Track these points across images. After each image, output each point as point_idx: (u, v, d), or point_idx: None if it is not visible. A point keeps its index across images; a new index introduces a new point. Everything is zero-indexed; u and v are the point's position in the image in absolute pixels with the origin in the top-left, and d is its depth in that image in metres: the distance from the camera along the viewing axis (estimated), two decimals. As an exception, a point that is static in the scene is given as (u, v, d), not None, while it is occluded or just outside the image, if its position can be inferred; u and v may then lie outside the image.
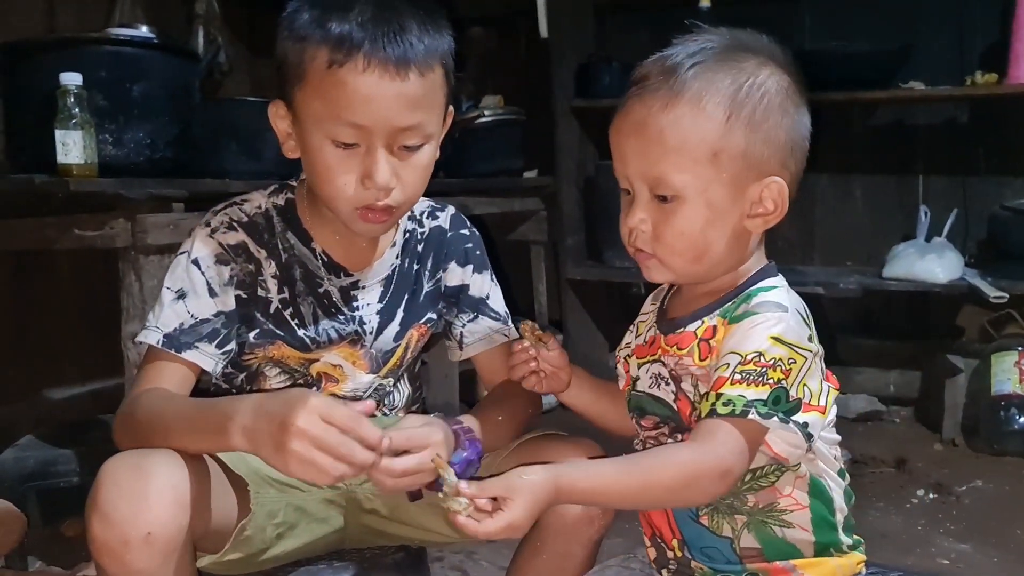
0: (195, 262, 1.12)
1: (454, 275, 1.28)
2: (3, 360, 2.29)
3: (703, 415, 0.91)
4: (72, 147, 1.74)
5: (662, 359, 1.01)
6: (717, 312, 0.98)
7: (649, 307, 1.12)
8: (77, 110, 1.75)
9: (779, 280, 1.00)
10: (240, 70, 2.82)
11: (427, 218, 1.28)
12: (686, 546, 1.02)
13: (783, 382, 0.90)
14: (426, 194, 1.24)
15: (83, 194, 1.73)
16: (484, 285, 1.29)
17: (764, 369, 0.90)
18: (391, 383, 1.28)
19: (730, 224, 0.97)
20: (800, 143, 0.98)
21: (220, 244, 1.13)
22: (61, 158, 1.74)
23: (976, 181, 2.87)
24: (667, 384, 1.00)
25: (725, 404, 0.90)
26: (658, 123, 0.93)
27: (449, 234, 1.28)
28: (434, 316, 1.28)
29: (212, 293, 1.11)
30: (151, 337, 1.09)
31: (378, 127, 1.04)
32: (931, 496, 2.25)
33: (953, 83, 2.68)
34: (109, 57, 1.90)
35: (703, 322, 0.98)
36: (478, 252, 1.30)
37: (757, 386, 0.90)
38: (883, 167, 2.96)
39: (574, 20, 3.11)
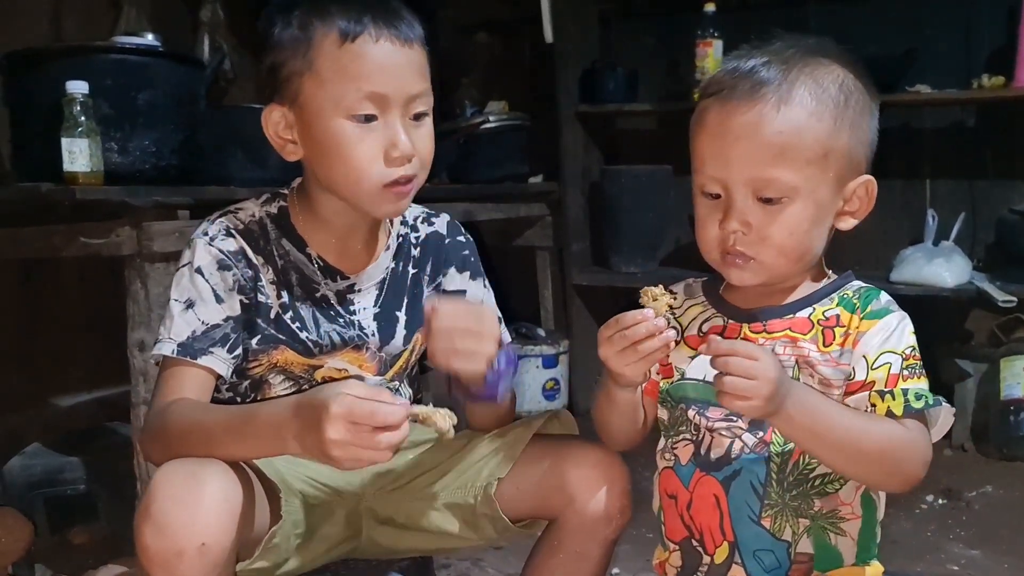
0: (198, 271, 1.13)
1: (453, 281, 1.30)
2: (10, 368, 2.29)
3: (891, 410, 0.94)
4: (78, 155, 1.74)
5: None
6: (824, 303, 1.01)
7: (680, 299, 1.10)
8: (83, 118, 1.75)
9: None
10: (245, 77, 2.82)
11: (422, 223, 1.30)
12: (737, 550, 1.01)
13: None
14: (430, 201, 1.24)
15: (89, 202, 1.73)
16: (479, 291, 1.32)
17: (918, 363, 0.97)
18: (396, 386, 1.29)
19: (829, 222, 1.00)
20: (875, 142, 1.01)
21: (220, 251, 1.14)
22: (67, 166, 1.74)
23: (984, 184, 2.86)
24: None
25: (917, 398, 0.94)
26: (773, 126, 0.94)
27: (447, 240, 1.30)
28: None
29: (218, 299, 1.12)
30: (165, 348, 1.11)
31: (395, 94, 1.08)
32: (941, 502, 2.24)
33: (960, 86, 2.67)
34: (115, 65, 1.90)
35: (814, 308, 1.01)
36: (473, 259, 1.32)
37: (920, 379, 0.96)
38: (890, 171, 2.95)
39: (579, 25, 3.10)
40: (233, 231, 1.16)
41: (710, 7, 2.78)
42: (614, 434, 1.12)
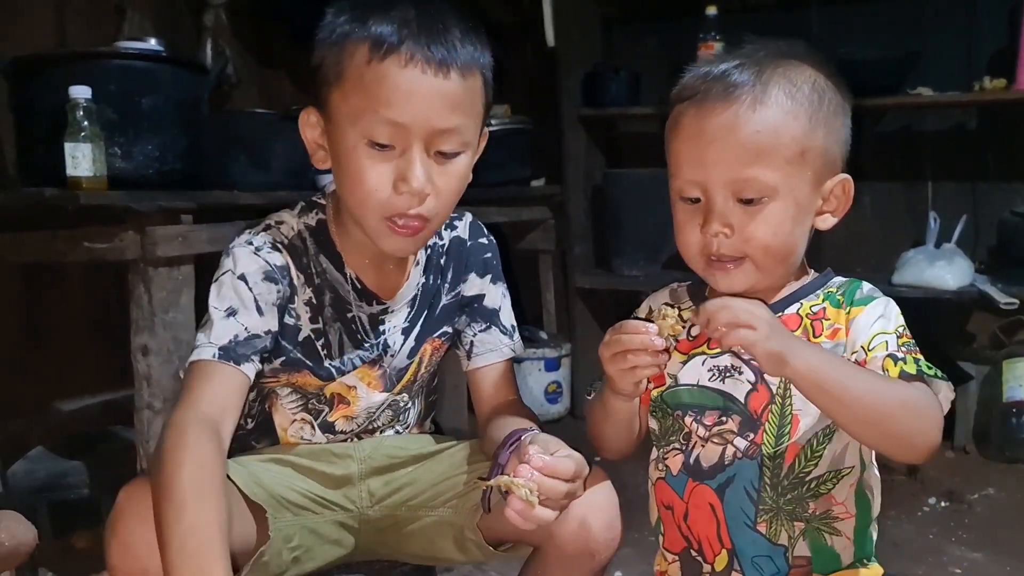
0: (242, 278, 1.08)
1: (473, 285, 1.26)
2: (14, 372, 2.30)
3: (905, 370, 0.92)
4: (82, 160, 1.74)
5: (733, 349, 1.00)
6: (810, 299, 1.01)
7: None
8: (87, 123, 1.75)
9: None
10: (248, 82, 2.83)
11: (445, 229, 1.25)
12: (735, 557, 1.00)
13: None
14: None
15: (93, 207, 1.74)
16: (498, 296, 1.27)
17: (912, 342, 0.96)
18: (406, 399, 1.25)
19: (809, 221, 1.00)
20: (850, 141, 1.02)
21: (267, 263, 1.09)
22: (71, 171, 1.74)
23: (985, 187, 2.86)
24: (740, 374, 1.00)
25: (928, 367, 0.94)
26: (750, 126, 0.94)
27: (469, 243, 1.26)
28: (449, 330, 1.26)
29: (260, 311, 1.08)
30: (205, 353, 1.04)
31: (416, 126, 1.01)
32: (943, 504, 2.24)
33: (961, 89, 2.67)
34: (118, 70, 1.90)
35: (801, 304, 1.01)
36: (495, 262, 1.28)
37: (917, 355, 0.95)
38: (892, 173, 2.95)
39: (581, 29, 3.11)
40: (280, 245, 1.11)
41: (712, 10, 2.79)
42: (607, 442, 1.10)
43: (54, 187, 1.76)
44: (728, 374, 1.01)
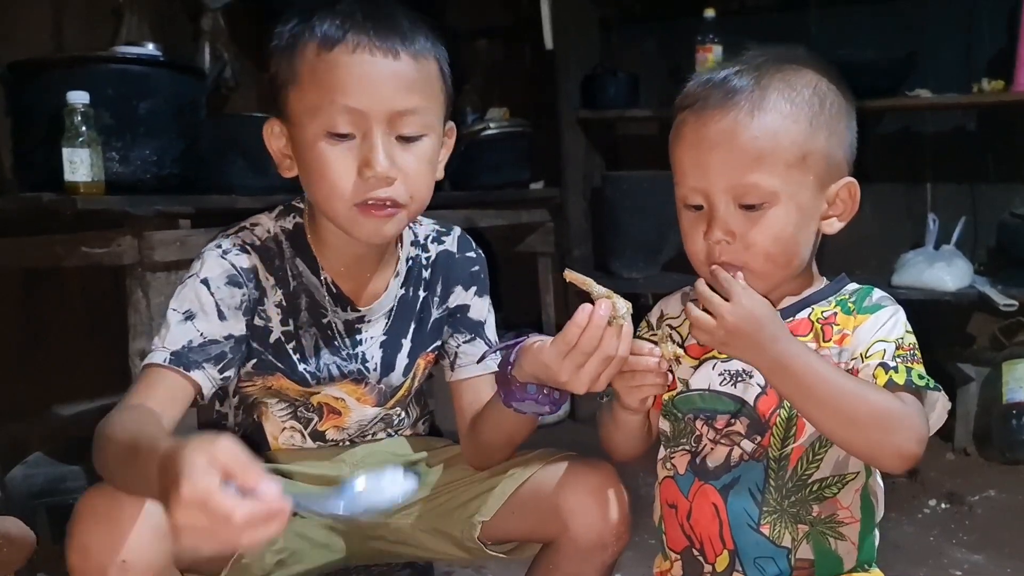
0: (204, 282, 1.07)
1: (458, 297, 1.25)
2: (12, 377, 2.29)
3: (893, 379, 0.92)
4: (79, 165, 1.74)
5: None
6: (822, 304, 1.01)
7: (679, 309, 1.10)
8: (84, 128, 1.75)
9: None
10: (246, 86, 2.83)
11: (432, 242, 1.25)
12: (737, 558, 1.01)
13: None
14: (431, 208, 1.22)
15: (90, 211, 1.74)
16: (483, 310, 1.27)
17: (913, 352, 0.95)
18: (399, 412, 1.26)
19: (813, 226, 1.00)
20: (855, 145, 1.02)
21: (233, 265, 1.09)
22: (68, 176, 1.74)
23: (985, 188, 2.86)
24: (750, 378, 1.00)
25: (920, 377, 0.93)
26: (749, 131, 0.94)
27: (457, 257, 1.26)
28: (440, 343, 1.26)
29: (221, 316, 1.07)
30: (157, 357, 1.04)
31: (374, 110, 1.02)
32: (944, 506, 2.24)
33: (960, 91, 2.67)
34: (116, 75, 1.90)
35: (812, 309, 1.01)
36: (482, 276, 1.27)
37: (917, 365, 0.94)
38: (891, 175, 2.95)
39: (579, 31, 3.11)
40: (249, 247, 1.11)
41: (710, 12, 2.79)
42: (617, 447, 1.12)
43: (52, 192, 1.76)
44: (739, 378, 1.01)
